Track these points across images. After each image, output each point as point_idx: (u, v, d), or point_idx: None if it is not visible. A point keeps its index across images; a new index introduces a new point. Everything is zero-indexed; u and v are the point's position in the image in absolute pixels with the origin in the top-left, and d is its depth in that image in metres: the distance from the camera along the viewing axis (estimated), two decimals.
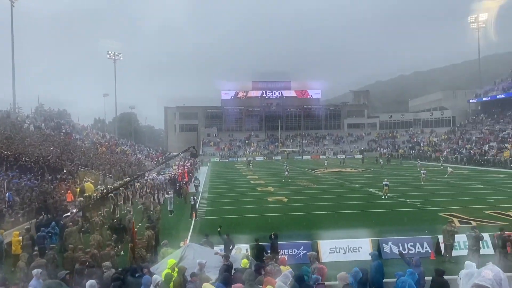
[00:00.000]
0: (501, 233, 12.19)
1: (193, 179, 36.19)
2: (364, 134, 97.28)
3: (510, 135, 61.61)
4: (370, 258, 9.79)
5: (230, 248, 12.49)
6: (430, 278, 8.65)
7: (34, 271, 8.74)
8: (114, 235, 14.31)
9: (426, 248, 14.02)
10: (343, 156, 72.99)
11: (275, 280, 7.39)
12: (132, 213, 18.65)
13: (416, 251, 13.88)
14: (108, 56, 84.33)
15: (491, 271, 3.70)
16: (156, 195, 26.67)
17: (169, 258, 9.90)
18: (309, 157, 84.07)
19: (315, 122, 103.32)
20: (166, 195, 24.82)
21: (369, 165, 57.24)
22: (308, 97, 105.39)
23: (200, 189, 33.24)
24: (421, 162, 54.90)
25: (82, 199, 21.53)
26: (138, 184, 29.16)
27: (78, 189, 23.24)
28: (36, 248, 13.28)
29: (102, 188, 25.38)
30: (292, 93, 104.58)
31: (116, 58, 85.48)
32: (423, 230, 16.02)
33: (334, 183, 36.68)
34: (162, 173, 39.59)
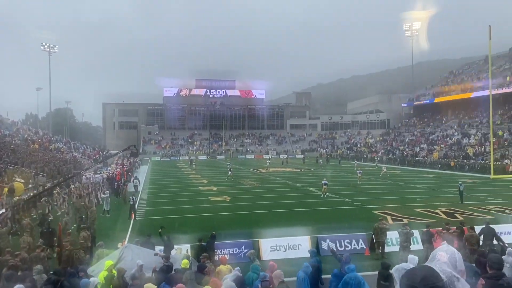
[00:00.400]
0: (427, 230, 13.02)
1: (132, 178, 35.17)
2: (305, 135, 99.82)
3: (439, 138, 65.99)
4: (309, 255, 10.06)
5: (171, 249, 12.29)
6: (365, 273, 9.04)
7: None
8: (41, 239, 13.46)
9: (361, 244, 14.66)
10: (286, 156, 74.50)
11: (220, 281, 7.39)
12: (69, 215, 17.76)
13: (352, 248, 14.48)
14: (42, 48, 79.76)
15: (445, 252, 3.84)
16: (93, 195, 25.58)
17: (106, 260, 9.57)
18: (252, 156, 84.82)
19: (258, 122, 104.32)
20: (102, 195, 23.86)
21: (310, 165, 58.81)
22: (252, 97, 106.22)
23: (140, 188, 32.40)
24: (357, 162, 57.28)
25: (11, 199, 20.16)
26: (74, 184, 27.83)
27: (7, 189, 21.73)
28: None
29: (32, 187, 23.95)
30: (236, 92, 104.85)
31: (51, 50, 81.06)
32: (359, 228, 16.71)
33: (277, 183, 37.27)
34: (99, 172, 38.07)
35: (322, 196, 27.46)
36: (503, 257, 9.32)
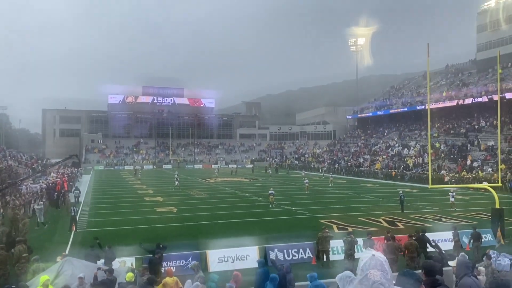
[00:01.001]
0: (369, 237, 13.43)
1: (73, 188, 33.53)
2: (255, 144, 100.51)
3: (381, 149, 68.89)
4: (257, 266, 10.01)
5: (113, 261, 11.77)
6: (302, 283, 9.07)
7: None
8: None
9: (308, 253, 14.84)
10: (235, 166, 74.52)
11: None
12: (3, 226, 16.53)
13: (300, 257, 14.63)
14: None
15: (375, 269, 3.96)
16: (28, 206, 24.10)
17: (42, 275, 8.97)
18: (200, 166, 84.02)
19: (207, 131, 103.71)
20: (36, 206, 22.40)
21: (259, 175, 59.17)
22: (201, 105, 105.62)
23: (82, 199, 30.97)
24: (305, 172, 58.40)
25: None
26: (9, 195, 26.03)
27: None
28: None
29: None
30: (185, 100, 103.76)
31: None
32: (306, 237, 16.93)
33: (225, 192, 37.06)
34: (37, 181, 35.96)
35: (270, 206, 27.62)
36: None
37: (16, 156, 61.95)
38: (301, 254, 14.79)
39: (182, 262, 13.12)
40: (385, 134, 76.08)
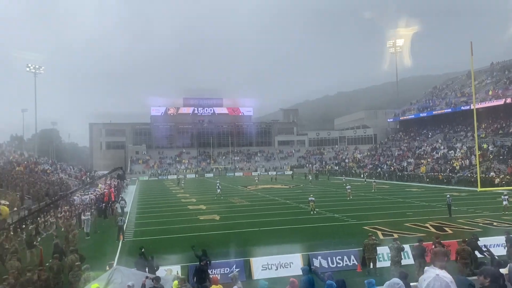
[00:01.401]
0: (419, 244, 13.02)
1: (119, 199, 34.66)
2: (293, 151, 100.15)
3: (426, 152, 66.76)
4: (301, 273, 9.99)
5: (155, 270, 12.07)
6: None
7: None
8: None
9: (353, 260, 14.60)
10: (274, 173, 74.53)
11: None
12: (57, 237, 17.39)
13: (344, 264, 14.42)
14: (28, 69, 79.19)
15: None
16: (77, 217, 25.13)
17: (93, 283, 9.36)
18: (241, 173, 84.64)
19: (246, 139, 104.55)
20: (83, 217, 23.25)
21: (299, 181, 58.87)
22: (240, 114, 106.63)
23: (128, 209, 31.96)
24: (346, 178, 57.53)
25: None
26: (61, 206, 27.35)
27: None
28: None
29: (18, 210, 23.45)
30: (224, 110, 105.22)
31: (37, 71, 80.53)
32: (350, 244, 16.68)
33: (266, 200, 37.14)
34: (87, 193, 37.52)
35: (311, 212, 27.41)
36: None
37: (66, 169, 64.98)
38: (346, 261, 14.57)
39: (226, 270, 13.26)
40: (429, 136, 73.68)
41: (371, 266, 13.92)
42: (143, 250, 13.28)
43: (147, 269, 12.05)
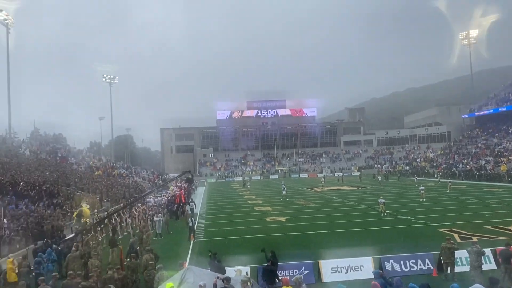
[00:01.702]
0: (506, 248, 12.03)
1: (189, 201, 35.83)
2: (361, 151, 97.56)
3: (506, 149, 61.91)
4: (373, 277, 9.69)
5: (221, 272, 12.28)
6: None
7: None
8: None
9: (428, 264, 13.88)
10: (341, 174, 73.07)
11: None
12: (135, 237, 18.38)
13: (418, 268, 13.75)
14: (103, 79, 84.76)
15: None
16: (151, 219, 26.31)
17: (168, 282, 9.74)
18: (306, 175, 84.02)
19: (311, 140, 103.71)
20: (155, 218, 24.26)
21: (367, 182, 57.23)
22: (304, 115, 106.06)
23: (197, 211, 32.97)
24: (418, 178, 54.92)
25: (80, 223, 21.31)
26: (136, 208, 28.87)
27: (75, 214, 23.01)
28: (34, 274, 13.07)
29: (98, 212, 25.11)
30: (287, 111, 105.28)
31: (112, 81, 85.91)
32: (424, 247, 15.89)
33: (333, 201, 36.53)
34: (159, 195, 39.29)
35: (382, 214, 26.50)
36: None
37: (140, 172, 68.61)
38: (420, 265, 13.88)
39: (295, 272, 13.19)
40: (510, 132, 68.24)
41: (449, 271, 13.16)
42: (210, 253, 13.53)
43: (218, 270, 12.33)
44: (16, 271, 13.61)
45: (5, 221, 18.43)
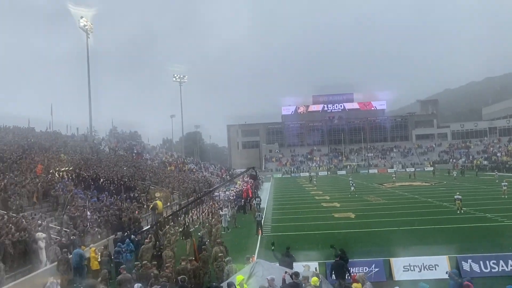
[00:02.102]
0: None
1: (256, 195, 36.21)
2: (434, 145, 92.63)
3: None
4: (448, 277, 9.23)
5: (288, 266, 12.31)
6: None
7: (136, 286, 9.40)
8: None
9: (511, 266, 12.90)
10: (413, 169, 69.93)
11: None
12: (205, 230, 19.03)
13: (500, 269, 12.84)
14: (174, 79, 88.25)
15: None
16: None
17: (237, 275, 9.97)
18: (375, 170, 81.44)
19: (380, 134, 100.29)
20: (221, 212, 24.79)
21: (442, 178, 54.33)
22: (372, 108, 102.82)
23: (264, 205, 33.25)
24: (498, 174, 51.12)
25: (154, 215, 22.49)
26: (206, 202, 29.85)
27: (151, 207, 24.30)
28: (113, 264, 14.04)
29: (170, 205, 26.24)
30: (355, 105, 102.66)
31: (182, 80, 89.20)
32: (507, 247, 14.79)
33: (404, 198, 35.14)
34: (227, 190, 40.27)
35: (457, 212, 25.03)
36: None
37: (208, 167, 70.82)
38: (502, 266, 12.93)
39: (365, 269, 12.90)
40: None
41: None
42: (273, 248, 13.59)
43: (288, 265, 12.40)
44: (98, 259, 14.70)
45: (89, 213, 19.93)
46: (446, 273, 10.47)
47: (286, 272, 10.02)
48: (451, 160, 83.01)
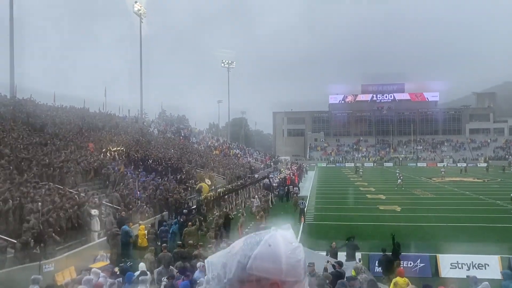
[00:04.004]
0: None
1: (295, 184, 35.81)
2: (489, 140, 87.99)
3: None
4: (500, 277, 8.83)
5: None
6: None
7: (198, 264, 9.60)
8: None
9: None
10: (464, 164, 66.95)
11: None
12: (245, 215, 19.30)
13: None
14: (222, 65, 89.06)
15: None
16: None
17: None
18: (424, 164, 78.68)
19: (431, 127, 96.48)
20: (252, 199, 24.78)
21: (496, 175, 51.65)
22: (424, 100, 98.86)
23: (307, 194, 33.07)
24: None
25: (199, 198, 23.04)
26: (249, 187, 30.15)
27: (196, 189, 24.91)
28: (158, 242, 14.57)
29: (215, 189, 26.76)
30: (405, 96, 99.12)
31: (230, 66, 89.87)
32: None
33: (454, 193, 33.81)
34: (271, 176, 40.45)
35: None
36: None
37: (253, 153, 71.37)
38: None
39: (410, 264, 12.61)
40: None
41: None
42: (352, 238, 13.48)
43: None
44: (146, 237, 15.32)
45: (138, 192, 20.73)
46: (501, 272, 10.02)
47: (328, 262, 9.99)
48: (507, 156, 78.58)
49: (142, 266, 10.21)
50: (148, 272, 9.44)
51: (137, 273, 9.00)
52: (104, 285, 8.35)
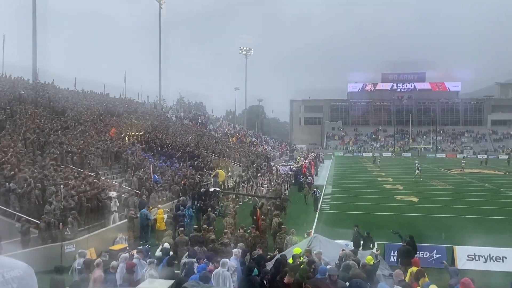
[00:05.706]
0: None
1: (310, 174, 35.59)
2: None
3: None
4: None
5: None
6: None
7: (235, 250, 9.61)
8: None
9: None
10: (485, 156, 65.71)
11: None
12: (261, 201, 19.40)
13: None
14: (240, 51, 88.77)
15: None
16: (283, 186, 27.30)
17: (295, 247, 10.15)
18: (443, 155, 77.51)
19: (452, 117, 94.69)
20: (261, 187, 24.77)
21: None
22: (445, 90, 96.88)
23: (323, 183, 32.98)
24: None
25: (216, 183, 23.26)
26: (264, 174, 30.22)
27: (213, 175, 25.13)
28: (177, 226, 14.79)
29: (231, 175, 26.93)
30: (426, 85, 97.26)
31: (248, 53, 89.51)
32: None
33: (473, 185, 33.29)
34: (286, 164, 40.47)
35: None
36: None
37: (269, 141, 71.40)
38: None
39: (426, 254, 12.55)
40: None
41: None
42: (398, 233, 13.37)
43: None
44: (164, 220, 15.60)
45: (156, 176, 21.04)
46: None
47: (343, 250, 10.02)
48: None
49: (167, 246, 10.55)
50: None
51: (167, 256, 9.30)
52: (137, 265, 8.64)
